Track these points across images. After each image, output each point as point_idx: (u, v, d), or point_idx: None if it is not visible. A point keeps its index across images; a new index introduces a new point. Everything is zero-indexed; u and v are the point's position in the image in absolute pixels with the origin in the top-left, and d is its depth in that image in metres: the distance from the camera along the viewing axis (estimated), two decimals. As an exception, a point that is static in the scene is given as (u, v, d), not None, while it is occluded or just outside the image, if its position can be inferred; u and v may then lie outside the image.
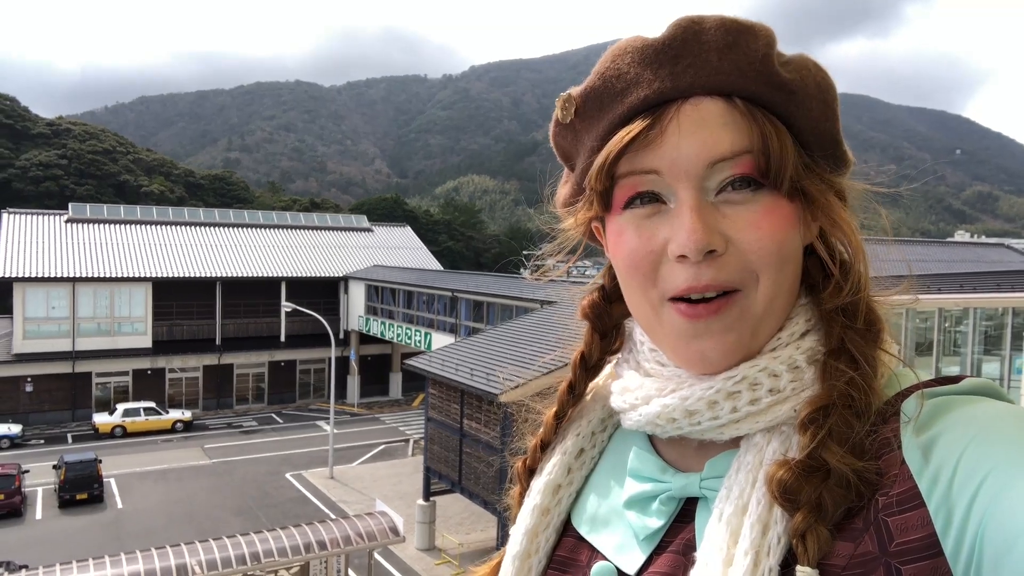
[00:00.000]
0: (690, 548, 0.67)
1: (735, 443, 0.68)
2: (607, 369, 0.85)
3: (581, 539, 0.77)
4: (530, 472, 0.85)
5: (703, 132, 0.64)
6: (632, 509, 0.73)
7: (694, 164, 0.64)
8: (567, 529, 0.80)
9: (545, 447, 0.85)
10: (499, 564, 0.86)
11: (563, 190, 0.80)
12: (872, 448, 0.60)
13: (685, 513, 0.70)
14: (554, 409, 0.86)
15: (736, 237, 0.64)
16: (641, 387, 0.72)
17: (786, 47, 0.66)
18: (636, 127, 0.65)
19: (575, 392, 0.85)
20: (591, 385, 0.86)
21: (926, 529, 0.54)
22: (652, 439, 0.77)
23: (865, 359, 0.64)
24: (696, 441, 0.70)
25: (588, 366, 0.85)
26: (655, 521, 0.71)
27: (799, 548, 0.58)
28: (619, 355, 0.81)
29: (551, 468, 0.81)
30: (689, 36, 0.64)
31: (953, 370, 17.90)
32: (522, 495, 0.85)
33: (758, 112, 0.65)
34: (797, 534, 0.58)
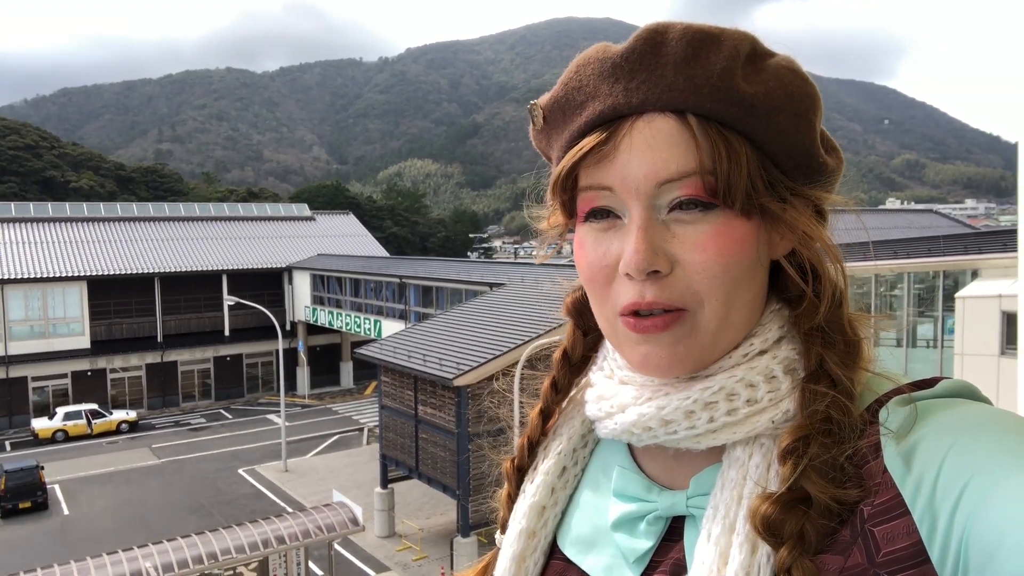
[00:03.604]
0: (680, 568, 0.67)
1: (716, 455, 0.68)
2: (584, 381, 0.84)
3: (569, 562, 0.76)
4: (519, 471, 0.84)
5: (652, 151, 0.63)
6: (619, 531, 0.72)
7: (643, 183, 0.63)
8: (554, 551, 0.79)
9: (532, 445, 0.84)
10: (483, 569, 0.86)
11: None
12: (853, 468, 0.60)
13: (673, 531, 0.70)
14: (539, 406, 0.85)
15: (683, 258, 0.63)
16: (616, 395, 0.72)
17: (714, 12, 0.63)
18: (589, 142, 0.65)
19: (559, 389, 0.84)
20: (568, 397, 0.85)
21: (912, 537, 0.54)
22: (633, 453, 0.76)
23: (844, 381, 0.63)
24: (672, 451, 0.70)
25: (571, 363, 0.84)
26: (643, 542, 0.70)
27: None
28: (594, 364, 0.81)
29: (535, 489, 0.80)
30: (647, 49, 0.64)
31: (889, 333, 18.60)
32: (510, 495, 0.84)
33: (712, 129, 0.63)
34: (783, 569, 0.58)
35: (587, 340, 0.83)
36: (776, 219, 0.66)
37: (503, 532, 0.83)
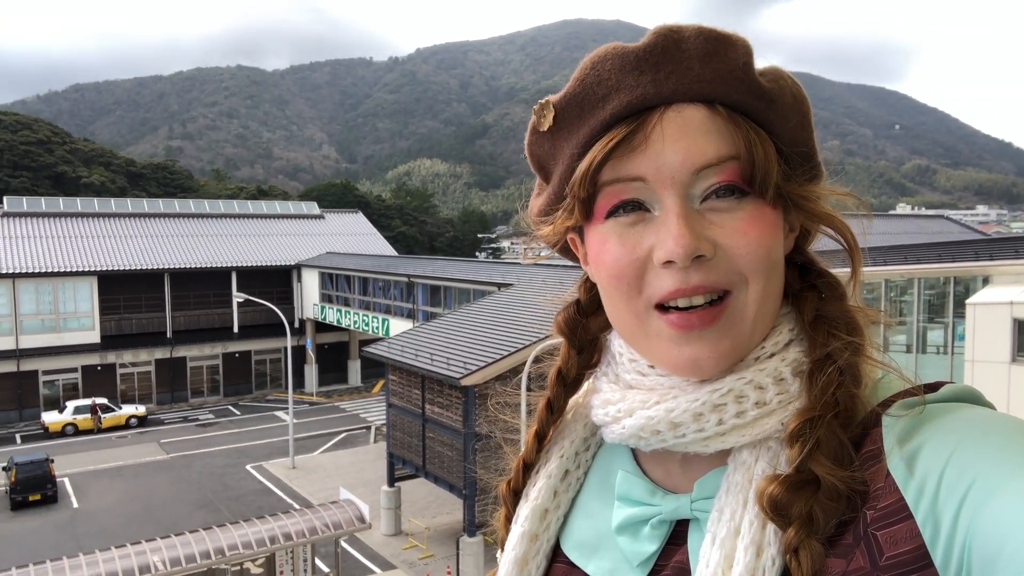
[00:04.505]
0: (683, 572, 0.67)
1: (720, 458, 0.67)
2: (586, 386, 0.83)
3: (572, 565, 0.76)
4: (515, 494, 0.84)
5: (687, 139, 0.63)
6: (623, 534, 0.72)
7: (679, 171, 0.63)
8: (557, 555, 0.79)
9: (528, 467, 0.84)
10: None
11: (536, 202, 0.78)
12: (859, 459, 0.60)
13: (676, 535, 0.70)
14: (534, 428, 0.84)
15: (724, 243, 0.63)
16: (624, 399, 0.71)
17: (720, 12, 0.63)
18: (620, 132, 0.64)
19: (554, 409, 0.84)
20: (571, 402, 0.85)
21: (915, 541, 0.54)
22: (637, 457, 0.76)
23: (850, 368, 0.64)
24: (679, 455, 0.70)
25: (566, 382, 0.83)
26: (648, 546, 0.70)
27: (792, 563, 0.58)
28: (597, 369, 0.80)
29: (537, 493, 0.80)
30: (670, 44, 0.64)
31: (900, 339, 18.55)
32: (508, 518, 0.84)
33: (741, 119, 0.64)
34: (790, 549, 0.58)
35: (581, 358, 0.82)
36: (794, 209, 0.68)
37: (503, 551, 0.82)
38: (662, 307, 0.65)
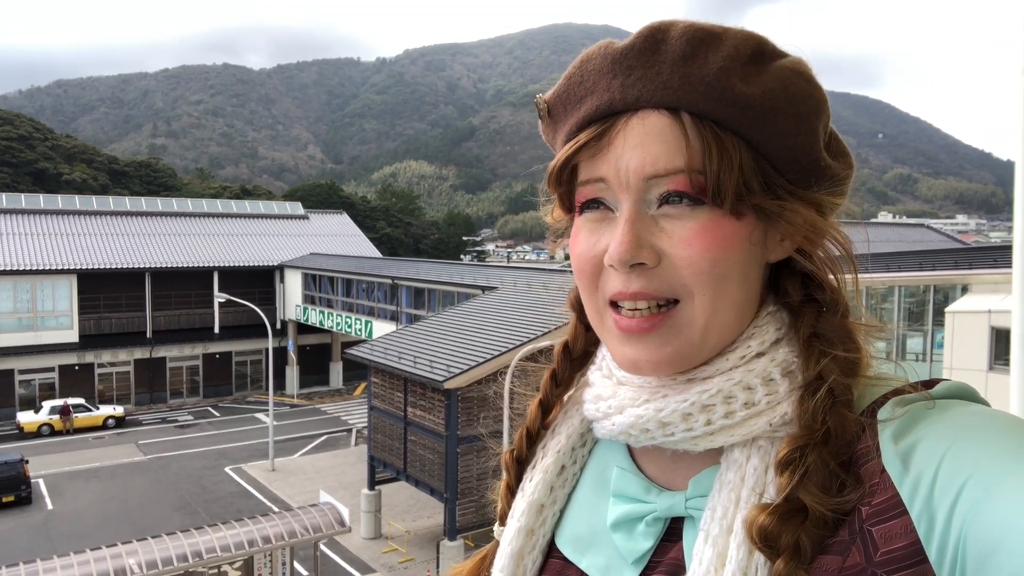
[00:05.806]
0: (678, 569, 0.67)
1: (713, 456, 0.68)
2: (583, 380, 0.83)
3: (567, 561, 0.77)
4: (518, 462, 0.84)
5: (643, 147, 0.64)
6: (618, 531, 0.72)
7: (632, 177, 0.65)
8: (552, 550, 0.79)
9: (531, 437, 0.84)
10: (481, 560, 0.87)
11: None
12: (851, 473, 0.60)
13: (671, 532, 0.70)
14: (539, 398, 0.85)
15: (669, 252, 0.64)
16: (615, 396, 0.72)
17: (707, 12, 0.63)
18: (584, 137, 0.67)
19: (559, 381, 0.84)
20: (566, 397, 0.85)
21: (910, 537, 0.55)
22: (632, 453, 0.77)
23: (843, 391, 0.63)
24: (670, 451, 0.70)
25: (572, 356, 0.84)
26: (642, 543, 0.70)
27: None
28: (592, 362, 0.81)
29: (533, 488, 0.80)
30: (647, 46, 0.64)
31: (879, 345, 18.67)
32: (509, 486, 0.84)
33: (705, 128, 0.63)
34: None
35: (589, 334, 0.82)
36: (775, 219, 0.66)
37: (502, 525, 0.83)
38: (615, 305, 0.67)
